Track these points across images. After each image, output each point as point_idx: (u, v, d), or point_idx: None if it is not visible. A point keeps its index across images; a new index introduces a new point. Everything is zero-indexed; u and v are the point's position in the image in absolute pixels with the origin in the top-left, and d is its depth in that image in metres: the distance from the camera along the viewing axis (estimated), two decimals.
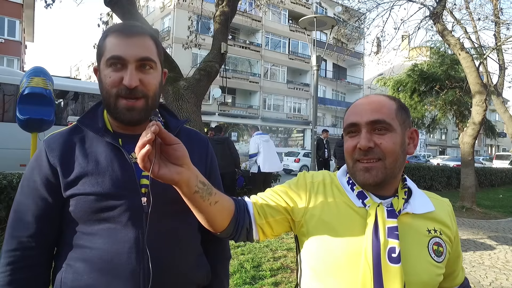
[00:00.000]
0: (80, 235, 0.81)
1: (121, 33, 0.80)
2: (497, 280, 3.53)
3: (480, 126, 7.56)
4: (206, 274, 0.95)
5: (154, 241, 0.81)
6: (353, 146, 0.79)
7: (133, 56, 0.79)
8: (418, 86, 12.51)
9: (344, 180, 0.86)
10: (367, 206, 0.78)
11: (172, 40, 21.76)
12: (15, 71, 8.32)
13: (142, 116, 0.82)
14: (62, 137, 0.85)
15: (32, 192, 0.82)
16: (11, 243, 0.81)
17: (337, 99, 32.59)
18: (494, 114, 33.33)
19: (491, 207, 8.21)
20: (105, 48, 0.81)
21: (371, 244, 0.73)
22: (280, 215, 0.83)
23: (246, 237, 0.83)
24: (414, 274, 0.74)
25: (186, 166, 0.68)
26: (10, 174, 4.02)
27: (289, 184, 0.88)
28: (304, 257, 0.84)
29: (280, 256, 3.80)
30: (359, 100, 0.85)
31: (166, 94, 3.92)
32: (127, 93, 0.78)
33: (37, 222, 0.81)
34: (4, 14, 17.94)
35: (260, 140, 6.13)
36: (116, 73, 0.79)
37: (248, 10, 13.47)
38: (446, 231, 0.82)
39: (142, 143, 0.61)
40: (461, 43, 7.47)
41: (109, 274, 0.78)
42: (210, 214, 0.76)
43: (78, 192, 0.80)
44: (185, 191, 0.70)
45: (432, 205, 0.83)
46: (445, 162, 18.86)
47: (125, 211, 0.80)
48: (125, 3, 3.82)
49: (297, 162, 16.48)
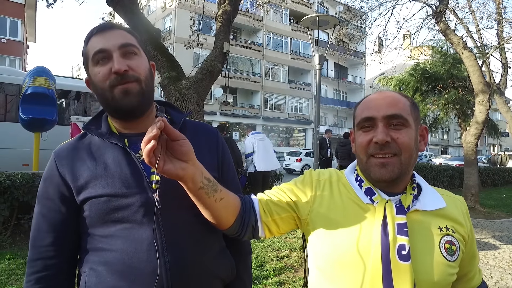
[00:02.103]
0: (99, 239, 0.82)
1: (99, 31, 0.83)
2: (502, 280, 3.51)
3: (483, 125, 7.53)
4: (231, 269, 0.94)
5: (171, 236, 0.81)
6: (368, 141, 0.77)
7: (115, 45, 0.81)
8: (420, 86, 12.50)
9: (352, 177, 0.85)
10: (375, 202, 0.77)
11: (174, 39, 21.77)
12: (18, 71, 8.34)
13: (140, 101, 0.82)
14: (70, 146, 0.87)
15: (46, 203, 0.84)
16: (33, 253, 0.84)
17: (339, 99, 32.53)
18: (497, 113, 33.24)
19: (494, 207, 8.17)
20: (89, 51, 0.83)
21: (380, 240, 0.72)
22: (286, 213, 0.83)
23: (252, 235, 0.83)
24: (424, 273, 0.72)
25: (191, 161, 0.69)
26: (13, 173, 4.02)
27: (295, 182, 0.88)
28: (311, 255, 0.83)
29: (283, 255, 3.79)
30: (372, 95, 0.83)
31: (169, 93, 3.91)
32: (119, 80, 0.79)
33: (54, 231, 0.83)
34: (6, 14, 17.99)
35: (255, 139, 6.08)
36: (104, 66, 0.80)
37: (249, 10, 13.45)
38: (459, 229, 0.79)
39: (148, 138, 0.62)
40: (464, 42, 7.44)
41: (131, 274, 0.78)
42: (216, 210, 0.76)
43: (90, 196, 0.81)
44: (190, 186, 0.71)
45: (444, 202, 0.80)
46: (447, 161, 18.80)
47: (138, 209, 0.80)
48: (127, 2, 3.81)
49: (299, 162, 16.46)
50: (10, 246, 3.80)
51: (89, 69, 0.84)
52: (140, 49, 0.85)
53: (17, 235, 3.98)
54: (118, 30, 0.84)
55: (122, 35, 0.83)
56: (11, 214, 3.87)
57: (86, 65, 0.85)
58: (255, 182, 6.09)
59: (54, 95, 5.30)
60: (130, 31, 0.87)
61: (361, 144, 0.79)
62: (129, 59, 0.81)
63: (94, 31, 0.83)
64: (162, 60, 4.05)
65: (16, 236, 3.96)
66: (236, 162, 5.77)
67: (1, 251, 3.65)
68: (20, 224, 3.94)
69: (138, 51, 0.84)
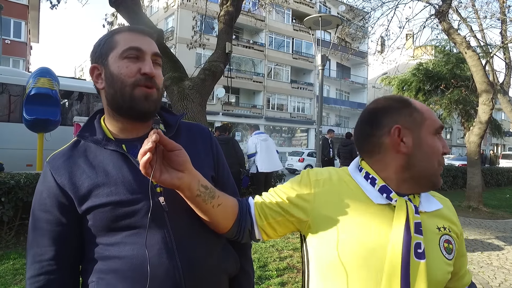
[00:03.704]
0: (106, 247, 0.80)
1: (135, 30, 0.86)
2: (506, 281, 3.49)
3: (487, 125, 7.49)
4: (235, 263, 0.95)
5: (182, 238, 0.81)
6: (442, 149, 0.80)
7: (150, 50, 0.84)
8: (423, 85, 12.43)
9: (359, 176, 0.82)
10: (393, 200, 0.76)
11: (176, 40, 21.81)
12: (21, 72, 8.38)
13: (154, 108, 0.84)
14: (65, 154, 0.84)
15: (44, 215, 0.82)
16: (34, 268, 0.80)
17: (341, 99, 32.45)
18: (500, 113, 33.00)
19: (498, 207, 8.12)
20: (118, 43, 0.83)
21: (402, 239, 0.71)
22: (281, 216, 0.81)
23: (250, 238, 0.84)
24: (432, 272, 0.73)
25: (188, 171, 0.71)
26: (18, 174, 4.05)
27: (291, 183, 0.85)
28: (313, 258, 0.81)
29: (286, 256, 3.79)
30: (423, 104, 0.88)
31: (171, 94, 3.92)
32: (147, 81, 0.81)
33: (55, 245, 0.81)
34: (10, 16, 18.08)
35: (257, 139, 6.02)
36: (134, 64, 0.81)
37: (252, 10, 13.46)
38: (454, 228, 0.83)
39: (144, 150, 0.65)
40: (467, 41, 7.40)
41: (143, 279, 0.76)
42: (214, 216, 0.78)
43: (93, 205, 0.79)
44: (187, 194, 0.73)
45: (439, 203, 0.84)
46: (450, 161, 18.71)
47: (145, 214, 0.79)
48: (130, 3, 3.83)
49: (301, 162, 16.45)
50: (15, 246, 3.82)
51: (108, 58, 0.82)
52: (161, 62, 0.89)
53: (21, 235, 4.01)
54: (151, 37, 0.87)
55: (154, 45, 0.87)
56: (15, 214, 3.90)
57: (104, 54, 0.83)
58: (257, 183, 6.08)
59: (58, 95, 5.33)
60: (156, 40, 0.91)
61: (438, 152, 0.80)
62: (155, 68, 0.84)
63: (129, 28, 0.87)
64: (165, 61, 4.05)
65: (20, 236, 3.99)
66: (238, 162, 5.77)
67: (6, 251, 3.68)
68: (24, 224, 3.97)
69: (160, 64, 0.88)
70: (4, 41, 17.73)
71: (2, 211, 3.72)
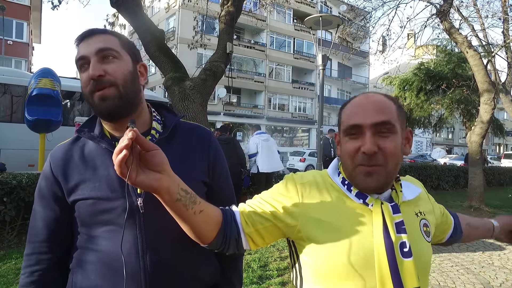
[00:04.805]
0: (88, 238, 0.85)
1: (83, 38, 0.84)
2: (507, 281, 3.48)
3: (488, 125, 7.46)
4: (215, 272, 0.95)
5: (153, 241, 0.83)
6: (356, 149, 0.75)
7: (92, 51, 0.81)
8: (424, 85, 12.42)
9: (337, 179, 0.82)
10: (369, 205, 0.76)
11: (177, 40, 21.84)
12: (23, 73, 8.41)
13: (118, 105, 0.82)
14: (65, 147, 0.90)
15: (41, 201, 0.89)
16: (28, 247, 0.89)
17: (342, 99, 32.42)
18: (502, 113, 32.89)
19: (500, 207, 8.09)
20: (75, 59, 0.85)
21: (383, 243, 0.72)
22: (269, 222, 0.79)
23: (236, 248, 0.79)
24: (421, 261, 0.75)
25: (166, 172, 0.66)
26: (19, 174, 4.07)
27: (277, 188, 0.84)
28: (306, 263, 0.79)
29: (287, 255, 3.79)
30: (357, 98, 0.80)
31: (172, 94, 3.93)
32: (94, 86, 0.81)
33: (47, 228, 0.87)
34: (12, 16, 18.16)
35: (259, 139, 6.00)
36: (84, 73, 0.82)
37: (253, 10, 13.47)
38: (427, 209, 0.87)
39: (119, 149, 0.61)
40: (469, 41, 7.38)
41: (113, 275, 0.81)
42: (196, 223, 0.73)
43: (78, 198, 0.84)
44: (166, 198, 0.68)
45: (418, 188, 0.87)
46: (452, 161, 18.66)
47: (122, 213, 0.81)
48: (131, 4, 3.84)
49: (303, 162, 16.44)
50: (17, 246, 3.84)
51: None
52: (122, 52, 0.84)
53: (23, 235, 4.02)
54: (100, 34, 0.84)
55: (102, 40, 0.83)
56: (17, 214, 3.91)
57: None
58: (258, 183, 6.08)
59: (59, 96, 5.34)
60: (114, 33, 0.87)
61: (349, 153, 0.77)
62: (107, 63, 0.82)
63: (78, 39, 0.85)
64: (166, 61, 4.07)
65: (22, 235, 4.00)
66: (239, 162, 5.77)
67: (8, 250, 3.70)
68: (26, 224, 3.98)
69: (117, 54, 0.83)
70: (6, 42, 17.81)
71: (4, 211, 3.74)
